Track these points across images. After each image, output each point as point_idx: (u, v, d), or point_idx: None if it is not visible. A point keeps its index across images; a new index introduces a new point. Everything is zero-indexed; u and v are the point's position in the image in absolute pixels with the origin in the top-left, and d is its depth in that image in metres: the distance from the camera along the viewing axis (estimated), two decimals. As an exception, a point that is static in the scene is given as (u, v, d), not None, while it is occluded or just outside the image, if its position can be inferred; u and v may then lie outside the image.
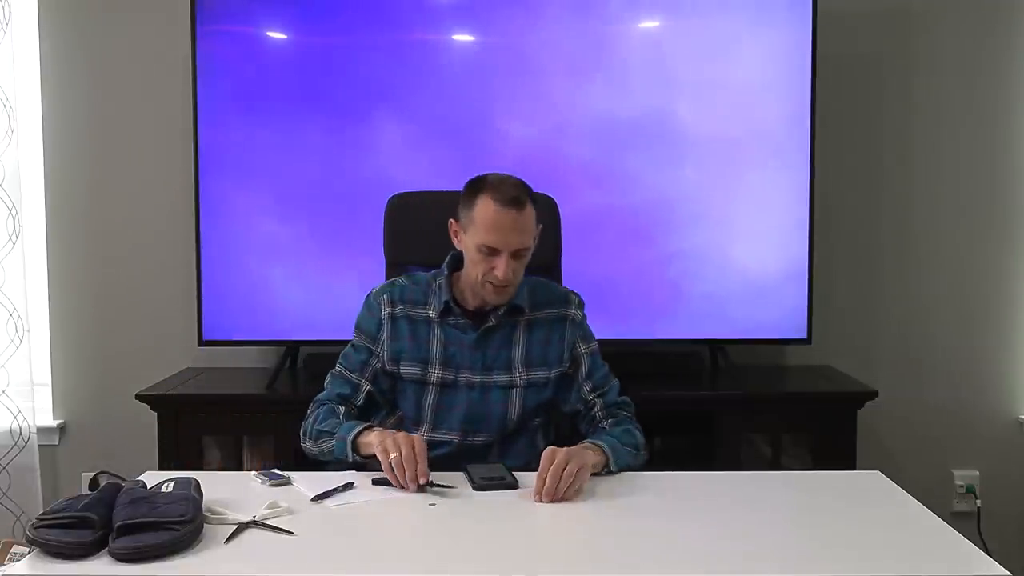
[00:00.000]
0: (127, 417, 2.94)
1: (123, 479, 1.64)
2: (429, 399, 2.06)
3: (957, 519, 3.06)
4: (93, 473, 1.79)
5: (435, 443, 2.02)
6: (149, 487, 1.61)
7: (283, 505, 1.65)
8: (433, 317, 2.06)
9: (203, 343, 2.90)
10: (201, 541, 1.50)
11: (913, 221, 3.15)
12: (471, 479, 1.80)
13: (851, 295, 3.15)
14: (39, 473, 3.04)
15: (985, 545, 2.97)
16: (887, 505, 1.73)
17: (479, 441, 2.04)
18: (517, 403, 2.05)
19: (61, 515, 1.48)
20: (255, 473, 1.86)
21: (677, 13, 2.88)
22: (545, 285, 2.14)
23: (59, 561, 1.43)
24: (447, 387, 2.05)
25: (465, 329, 2.05)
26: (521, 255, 1.96)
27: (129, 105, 3.09)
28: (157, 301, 3.11)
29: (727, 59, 2.85)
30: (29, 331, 3.02)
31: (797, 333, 2.90)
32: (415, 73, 2.85)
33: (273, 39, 2.89)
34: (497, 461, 1.96)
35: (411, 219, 2.38)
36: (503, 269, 1.93)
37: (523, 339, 2.07)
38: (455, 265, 2.08)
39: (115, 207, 3.11)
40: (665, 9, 2.89)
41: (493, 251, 1.94)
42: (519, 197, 1.93)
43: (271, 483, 1.80)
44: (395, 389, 2.09)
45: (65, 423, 3.16)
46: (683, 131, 2.86)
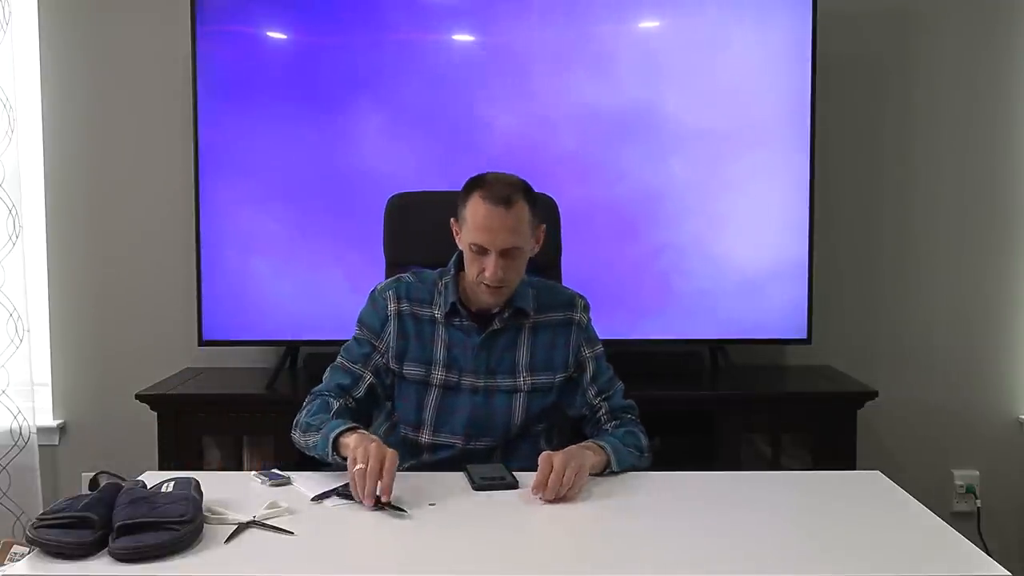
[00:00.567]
0: (127, 417, 2.95)
1: (123, 479, 1.64)
2: (431, 401, 2.02)
3: (957, 519, 3.06)
4: (93, 473, 1.79)
5: (437, 446, 2.01)
6: (149, 487, 1.61)
7: (283, 505, 1.65)
8: (438, 317, 2.02)
9: (203, 343, 2.90)
10: (201, 541, 1.50)
11: (913, 221, 3.15)
12: (471, 479, 1.80)
13: (851, 295, 3.15)
14: (39, 473, 3.04)
15: (985, 545, 2.97)
16: (887, 505, 1.73)
17: (482, 445, 2.01)
18: (521, 408, 2.03)
19: (61, 515, 1.48)
20: (255, 473, 1.85)
21: (678, 13, 2.88)
22: (550, 288, 2.11)
23: (59, 561, 1.43)
24: (450, 390, 2.02)
25: (469, 331, 2.02)
26: (512, 255, 1.92)
27: (129, 105, 3.09)
28: (157, 301, 3.11)
29: (727, 59, 2.85)
30: (29, 331, 3.02)
31: (797, 333, 2.91)
32: (415, 73, 2.85)
33: (273, 39, 2.89)
34: (497, 461, 1.95)
35: (411, 219, 2.38)
36: (492, 269, 1.90)
37: (528, 343, 2.04)
38: (461, 265, 2.04)
39: (115, 207, 3.11)
40: (666, 9, 2.89)
41: (483, 250, 1.91)
42: (510, 196, 1.89)
43: (271, 483, 1.80)
44: (394, 388, 2.05)
45: (65, 423, 3.16)
46: (684, 131, 2.86)
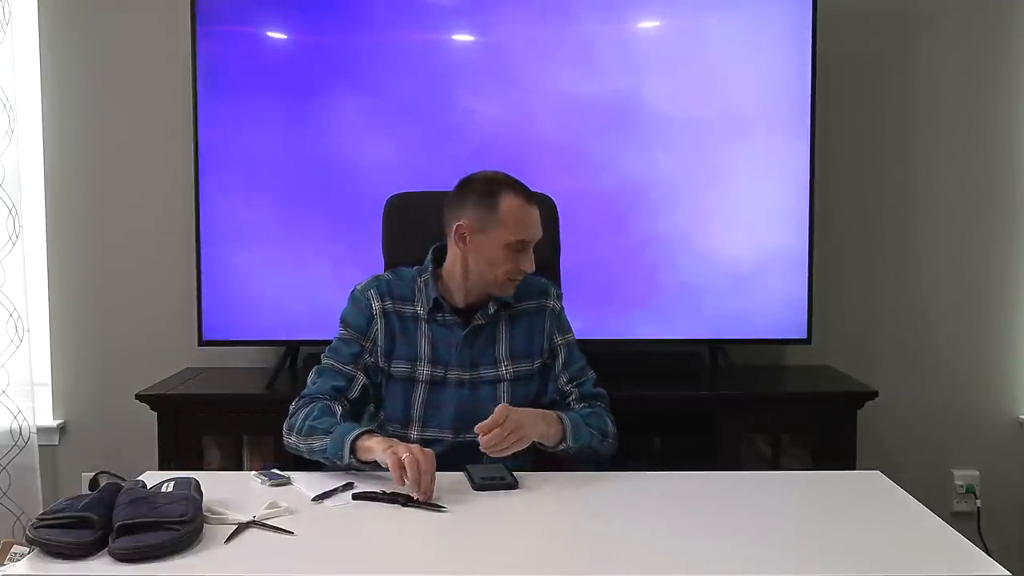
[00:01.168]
0: (127, 417, 2.94)
1: (123, 479, 1.64)
2: (418, 397, 2.05)
3: (957, 519, 3.06)
4: (93, 473, 1.79)
5: (427, 442, 2.00)
6: (149, 487, 1.61)
7: (283, 505, 1.65)
8: (421, 314, 2.06)
9: (203, 343, 2.90)
10: (201, 541, 1.50)
11: (913, 221, 3.15)
12: (471, 479, 1.80)
13: (851, 295, 3.15)
14: (39, 473, 3.04)
15: (985, 545, 2.97)
16: (887, 505, 1.73)
17: (471, 438, 1.99)
18: (506, 397, 2.05)
19: (61, 515, 1.48)
20: (255, 473, 1.85)
21: (679, 14, 2.88)
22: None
23: (59, 561, 1.43)
24: (436, 385, 2.05)
25: (452, 327, 2.06)
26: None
27: (129, 105, 3.09)
28: (157, 301, 3.11)
29: (727, 60, 2.86)
30: (29, 331, 3.02)
31: (797, 333, 2.91)
32: (415, 73, 2.85)
33: (273, 39, 2.89)
34: (497, 461, 1.96)
35: (410, 219, 2.38)
36: (531, 261, 2.01)
37: (506, 332, 2.09)
38: (439, 262, 2.09)
39: (115, 207, 3.11)
40: (667, 9, 2.89)
41: (522, 245, 1.99)
42: (531, 192, 2.02)
43: (271, 483, 1.80)
44: (381, 387, 2.07)
45: (65, 423, 3.16)
46: (684, 130, 2.86)
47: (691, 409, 2.83)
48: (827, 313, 3.04)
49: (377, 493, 1.71)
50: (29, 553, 1.48)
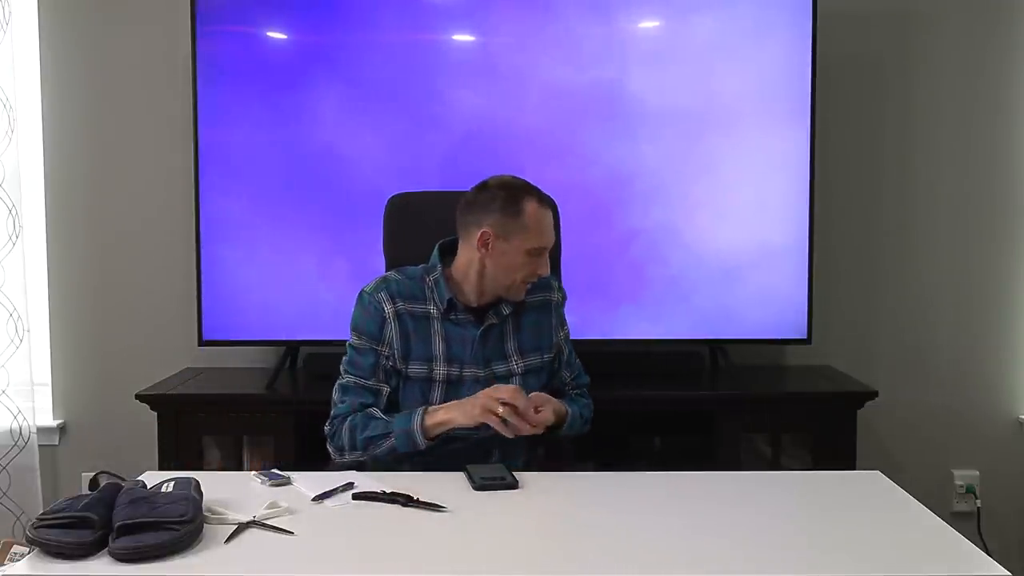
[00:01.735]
0: (127, 417, 2.94)
1: (123, 479, 1.64)
2: (436, 396, 2.06)
3: (957, 519, 3.06)
4: (93, 473, 1.79)
5: (445, 440, 2.02)
6: (149, 487, 1.61)
7: (283, 505, 1.65)
8: (434, 314, 2.07)
9: (203, 343, 2.90)
10: (201, 541, 1.50)
11: (913, 221, 3.15)
12: (471, 479, 1.80)
13: (851, 295, 3.15)
14: (39, 473, 3.04)
15: (985, 545, 2.97)
16: (887, 505, 1.73)
17: (488, 434, 2.01)
18: None
19: (61, 515, 1.48)
20: (255, 473, 1.85)
21: (680, 14, 2.88)
22: None
23: (59, 561, 1.43)
24: (452, 383, 2.07)
25: (466, 326, 2.08)
26: None
27: (129, 105, 3.09)
28: (157, 301, 3.11)
29: (727, 60, 2.85)
30: (29, 331, 3.02)
31: (797, 333, 2.90)
32: (416, 73, 2.85)
33: (273, 39, 2.89)
34: (498, 461, 1.97)
35: (411, 219, 2.38)
36: (547, 265, 2.07)
37: (514, 327, 2.13)
38: (447, 262, 2.10)
39: (115, 207, 3.11)
40: (669, 9, 2.89)
41: (541, 251, 2.04)
42: (546, 196, 2.07)
43: (271, 483, 1.80)
44: (398, 388, 2.08)
45: (65, 423, 3.16)
46: (683, 132, 2.86)
47: (691, 409, 2.83)
48: (827, 313, 3.04)
49: (377, 493, 1.71)
50: (29, 553, 1.48)
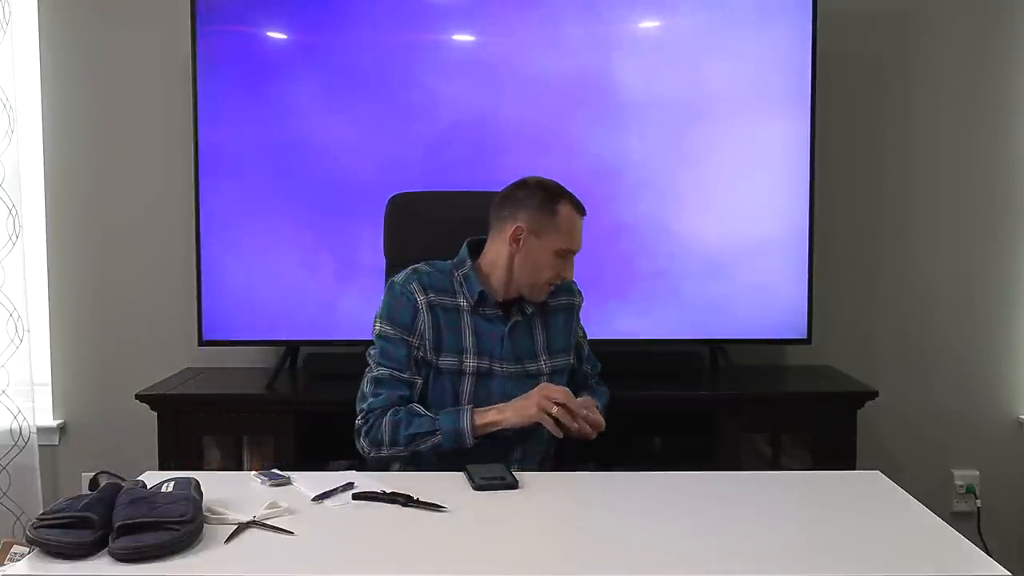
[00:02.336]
0: (127, 417, 2.94)
1: (123, 479, 1.64)
2: (466, 389, 2.08)
3: (957, 519, 3.06)
4: (93, 473, 1.79)
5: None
6: (149, 487, 1.61)
7: (283, 505, 1.65)
8: (464, 306, 2.09)
9: (203, 343, 2.89)
10: (201, 541, 1.50)
11: (913, 221, 3.15)
12: (471, 479, 1.80)
13: (851, 295, 3.15)
14: (39, 473, 3.04)
15: (985, 545, 2.97)
16: (887, 505, 1.73)
17: (517, 428, 2.03)
18: None
19: (61, 515, 1.48)
20: (255, 473, 1.85)
21: (680, 13, 2.88)
22: None
23: (59, 561, 1.43)
24: (483, 376, 2.09)
25: (495, 320, 2.11)
26: None
27: (129, 105, 3.09)
28: (157, 301, 3.11)
29: (727, 60, 2.86)
30: (29, 331, 3.02)
31: (797, 333, 2.91)
32: (416, 73, 2.85)
33: (273, 39, 2.89)
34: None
35: (411, 219, 2.38)
36: (573, 269, 2.12)
37: (541, 328, 2.17)
38: (475, 256, 2.13)
39: (115, 207, 3.11)
40: (670, 9, 2.89)
41: (568, 254, 2.09)
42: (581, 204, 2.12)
43: (271, 483, 1.80)
44: (428, 379, 2.08)
45: (65, 423, 3.16)
46: (681, 132, 2.87)
47: (691, 409, 2.83)
48: (827, 313, 3.04)
49: (377, 493, 1.71)
50: (29, 553, 1.48)
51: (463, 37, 2.90)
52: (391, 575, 1.45)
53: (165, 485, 1.61)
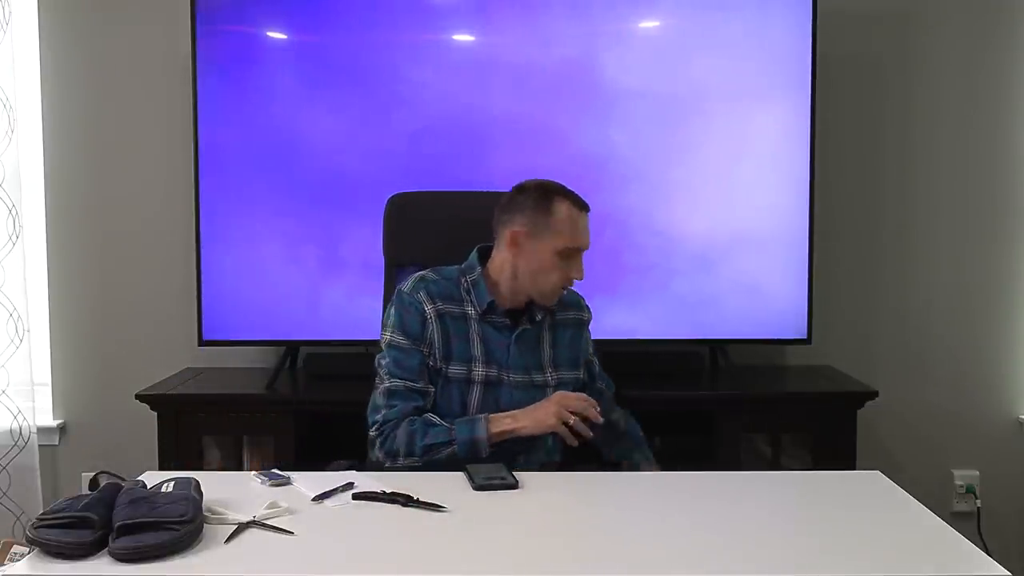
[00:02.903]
0: (127, 417, 2.94)
1: (123, 479, 1.64)
2: (474, 397, 2.06)
3: (957, 519, 3.07)
4: (93, 473, 1.79)
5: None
6: (149, 487, 1.61)
7: (283, 505, 1.65)
8: (471, 314, 2.07)
9: (203, 343, 2.89)
10: (201, 541, 1.50)
11: (913, 221, 3.15)
12: (471, 479, 1.80)
13: (851, 295, 3.15)
14: (39, 473, 3.04)
15: (985, 545, 2.97)
16: (887, 505, 1.73)
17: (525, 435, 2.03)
18: None
19: (61, 515, 1.48)
20: (255, 473, 1.85)
21: (681, 12, 2.88)
22: None
23: (59, 561, 1.43)
24: (491, 385, 2.07)
25: (502, 329, 2.09)
26: None
27: (129, 105, 3.09)
28: (157, 301, 3.11)
29: (727, 60, 2.85)
30: (29, 331, 3.02)
31: (797, 333, 2.91)
32: (416, 72, 2.85)
33: (273, 39, 2.89)
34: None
35: (411, 219, 2.38)
36: (582, 269, 2.06)
37: (549, 340, 2.15)
38: (483, 263, 2.11)
39: (115, 207, 3.11)
40: (670, 8, 2.89)
41: (575, 253, 2.04)
42: (584, 201, 2.07)
43: (271, 483, 1.80)
44: (437, 388, 2.07)
45: (65, 423, 3.16)
46: (681, 131, 2.87)
47: (691, 409, 2.83)
48: (827, 313, 3.04)
49: (377, 493, 1.71)
50: (29, 553, 1.48)
51: (464, 37, 2.90)
52: (391, 575, 1.45)
53: (165, 485, 1.61)
